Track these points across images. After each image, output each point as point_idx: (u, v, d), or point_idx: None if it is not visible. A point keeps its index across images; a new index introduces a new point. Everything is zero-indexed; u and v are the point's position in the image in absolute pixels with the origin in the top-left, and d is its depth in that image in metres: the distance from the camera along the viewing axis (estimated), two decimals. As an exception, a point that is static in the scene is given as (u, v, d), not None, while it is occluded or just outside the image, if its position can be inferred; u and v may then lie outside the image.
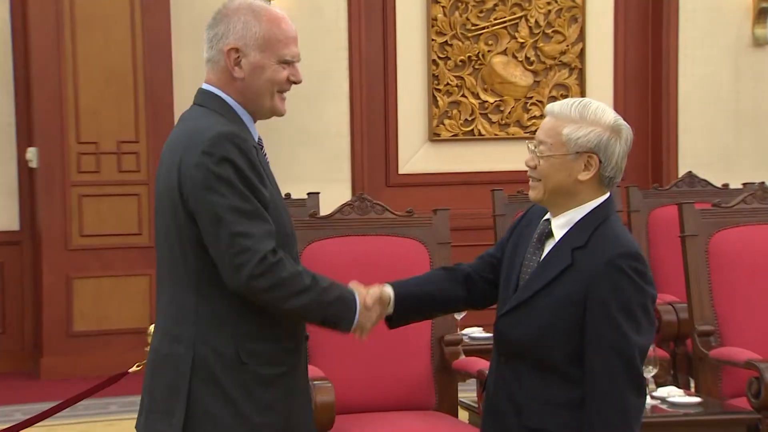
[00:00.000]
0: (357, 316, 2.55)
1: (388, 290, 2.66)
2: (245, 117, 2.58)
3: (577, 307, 2.44)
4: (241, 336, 2.48)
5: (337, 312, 2.54)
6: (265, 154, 2.63)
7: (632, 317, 2.41)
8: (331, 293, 2.53)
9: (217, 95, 2.57)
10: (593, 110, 2.49)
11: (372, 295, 2.59)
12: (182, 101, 6.81)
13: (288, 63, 2.56)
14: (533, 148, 2.55)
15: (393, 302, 2.66)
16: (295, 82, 2.59)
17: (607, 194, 2.54)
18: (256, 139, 2.61)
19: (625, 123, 2.52)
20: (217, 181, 2.42)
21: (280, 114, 2.61)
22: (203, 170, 2.43)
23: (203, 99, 2.59)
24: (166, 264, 2.56)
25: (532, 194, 2.56)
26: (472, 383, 3.96)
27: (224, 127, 2.48)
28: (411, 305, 2.70)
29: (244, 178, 2.44)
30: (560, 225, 2.53)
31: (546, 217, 2.58)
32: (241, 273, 2.42)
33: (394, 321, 2.71)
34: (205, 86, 2.60)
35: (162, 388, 2.52)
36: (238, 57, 2.54)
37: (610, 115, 2.50)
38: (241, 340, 2.48)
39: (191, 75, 6.91)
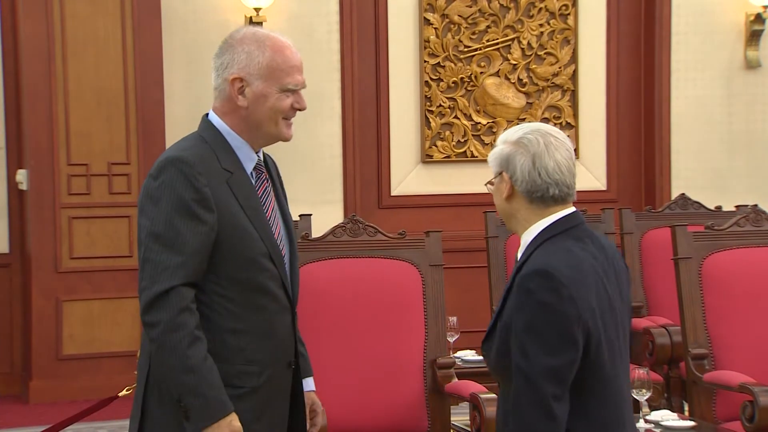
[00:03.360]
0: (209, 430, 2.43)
1: None
2: (237, 144, 2.61)
3: (509, 330, 2.44)
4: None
5: (198, 405, 2.42)
6: (266, 179, 2.68)
7: (538, 337, 2.37)
8: (214, 384, 2.43)
9: (209, 122, 2.63)
10: (513, 131, 2.54)
11: None
12: (173, 123, 6.80)
13: (291, 91, 2.63)
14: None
15: None
16: (299, 109, 2.66)
17: (560, 213, 2.49)
18: (253, 165, 2.65)
19: (538, 138, 2.48)
20: (149, 203, 2.48)
21: (286, 139, 2.67)
22: (144, 192, 2.51)
23: (200, 125, 2.66)
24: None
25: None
26: (464, 406, 3.93)
27: (176, 152, 2.52)
28: None
29: (176, 203, 2.45)
30: (520, 249, 2.54)
31: None
32: (141, 299, 2.45)
33: None
34: (208, 113, 2.66)
35: (135, 398, 2.60)
36: (242, 86, 2.58)
37: (518, 132, 2.52)
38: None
39: (183, 97, 6.91)
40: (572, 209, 2.51)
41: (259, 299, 2.54)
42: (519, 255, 2.53)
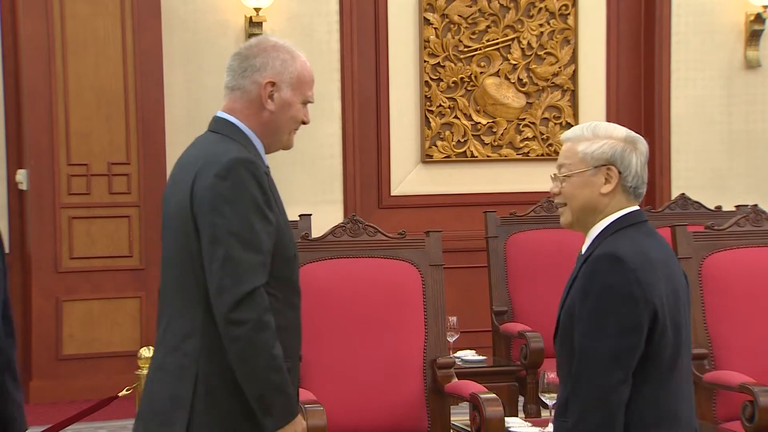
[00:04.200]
0: (287, 429, 2.51)
1: None
2: (259, 146, 2.68)
3: (572, 316, 2.47)
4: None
5: (282, 402, 2.51)
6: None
7: (603, 319, 2.41)
8: (290, 382, 2.53)
9: (233, 123, 2.67)
10: (604, 127, 2.59)
11: None
12: (174, 123, 6.80)
13: (306, 104, 2.74)
14: (555, 174, 2.62)
15: None
16: (305, 122, 2.76)
17: (633, 207, 2.57)
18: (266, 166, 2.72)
19: (639, 136, 2.60)
20: (222, 203, 2.50)
21: (289, 148, 2.76)
22: (213, 192, 2.51)
23: (219, 126, 2.69)
24: (174, 280, 2.63)
25: (562, 219, 2.62)
26: (464, 406, 3.94)
27: (239, 153, 2.57)
28: None
29: (252, 204, 2.52)
30: (586, 242, 2.58)
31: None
32: (224, 298, 2.47)
33: None
34: (223, 114, 2.69)
35: (164, 398, 2.56)
36: (272, 91, 2.66)
37: (621, 130, 2.59)
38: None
39: (182, 97, 6.91)
40: (637, 206, 2.59)
41: (292, 297, 2.63)
42: (584, 248, 2.56)
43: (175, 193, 2.63)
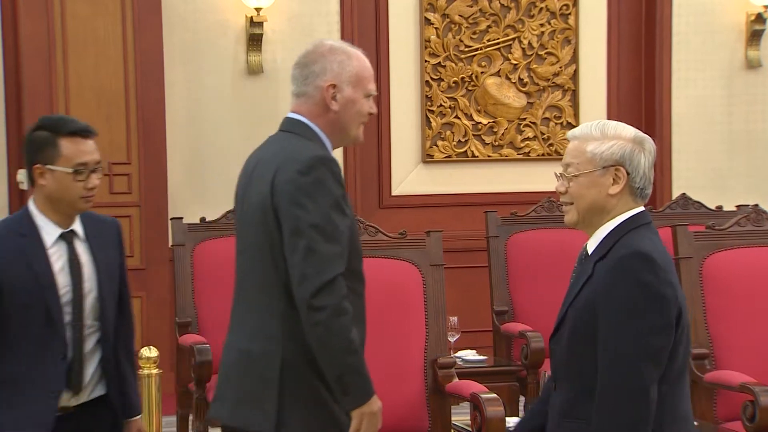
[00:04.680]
0: (364, 408, 2.74)
1: None
2: (328, 144, 2.86)
3: (593, 315, 2.45)
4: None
5: (359, 383, 2.72)
6: None
7: (637, 318, 2.38)
8: (366, 365, 2.74)
9: (305, 124, 2.85)
10: (613, 126, 2.57)
11: None
12: (174, 122, 6.80)
13: (370, 96, 2.89)
14: (561, 172, 2.59)
15: None
16: (372, 114, 2.91)
17: (640, 207, 2.56)
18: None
19: (647, 136, 2.59)
20: (304, 197, 2.68)
21: (359, 141, 2.96)
22: (294, 186, 2.69)
23: (293, 126, 2.88)
24: (254, 269, 2.79)
25: (567, 218, 2.60)
26: (465, 406, 3.94)
27: (319, 151, 2.78)
28: None
29: (331, 199, 2.70)
30: (593, 243, 2.57)
31: (588, 241, 2.61)
32: (305, 285, 2.65)
33: None
34: (294, 115, 2.89)
35: (252, 381, 2.75)
36: (335, 92, 2.83)
37: (630, 130, 2.59)
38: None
39: (183, 96, 6.91)
40: (643, 207, 2.58)
41: (358, 286, 2.81)
42: (592, 246, 2.55)
43: (253, 187, 2.81)
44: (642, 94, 7.73)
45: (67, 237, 3.08)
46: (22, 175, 6.62)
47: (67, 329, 3.04)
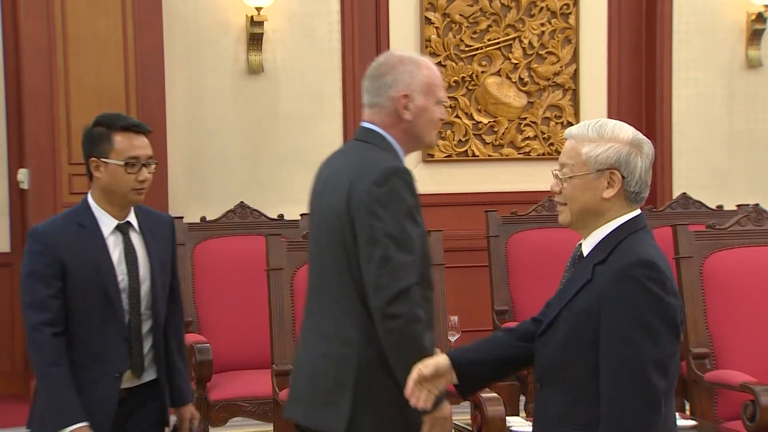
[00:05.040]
0: (435, 413, 2.80)
1: (444, 361, 2.67)
2: (401, 152, 2.95)
3: (593, 319, 2.41)
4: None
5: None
6: None
7: (645, 327, 2.35)
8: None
9: (380, 133, 2.94)
10: (611, 128, 2.51)
11: (428, 366, 2.63)
12: (175, 122, 6.80)
13: (441, 103, 2.98)
14: (556, 172, 2.55)
15: (453, 370, 2.66)
16: (442, 120, 3.01)
17: (637, 211, 2.52)
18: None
19: (646, 138, 2.53)
20: (380, 207, 2.77)
21: (433, 146, 3.13)
22: (370, 196, 2.78)
23: (367, 136, 2.96)
24: (329, 276, 2.88)
25: (561, 218, 2.58)
26: (465, 406, 3.92)
27: (393, 162, 2.87)
28: (474, 371, 2.70)
29: (405, 209, 2.79)
30: (588, 245, 2.54)
31: (580, 242, 2.59)
32: (381, 293, 2.73)
33: (461, 389, 2.72)
34: (369, 125, 2.96)
35: (329, 383, 2.83)
36: (407, 102, 2.91)
37: (628, 131, 2.51)
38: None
39: (184, 96, 6.91)
40: (639, 210, 2.54)
41: (430, 293, 2.90)
42: (587, 248, 2.52)
43: (329, 196, 2.89)
44: (642, 93, 7.73)
45: (123, 228, 3.27)
46: (22, 174, 6.62)
47: (125, 315, 3.23)
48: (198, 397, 4.62)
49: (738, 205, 5.69)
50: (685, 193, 5.82)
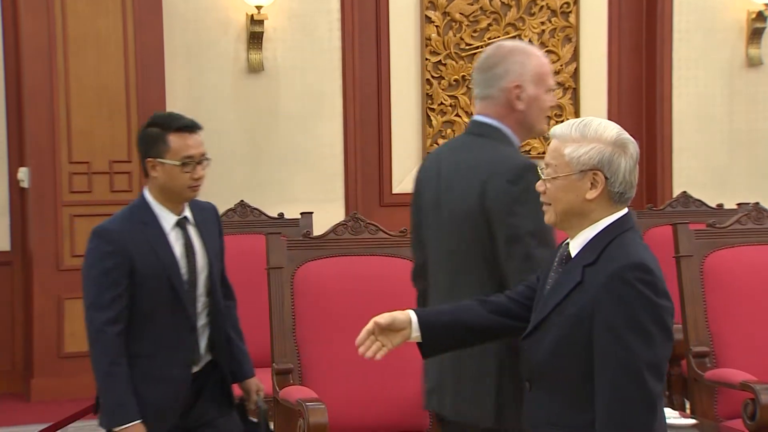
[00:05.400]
0: None
1: (403, 315, 2.65)
2: (516, 142, 2.99)
3: (586, 323, 2.40)
4: None
5: None
6: None
7: (640, 330, 2.35)
8: None
9: (495, 126, 2.97)
10: (594, 128, 2.47)
11: (384, 317, 2.63)
12: (175, 121, 6.79)
13: (551, 90, 3.02)
14: (541, 171, 2.54)
15: (417, 328, 2.66)
16: (552, 107, 3.07)
17: (623, 210, 2.50)
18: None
19: (630, 137, 2.50)
20: (517, 205, 2.80)
21: (543, 134, 3.09)
22: (506, 196, 2.81)
23: (483, 130, 2.99)
24: (458, 274, 2.91)
25: (546, 218, 2.56)
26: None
27: (522, 158, 2.91)
28: (440, 332, 2.69)
29: (540, 205, 2.71)
30: (576, 245, 2.51)
31: (567, 240, 2.57)
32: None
33: (424, 348, 2.71)
34: (482, 118, 2.99)
35: (473, 377, 2.89)
36: (519, 92, 2.95)
37: (612, 131, 2.47)
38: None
39: (184, 95, 6.91)
40: (626, 209, 2.52)
41: None
42: (575, 249, 2.51)
43: (457, 195, 2.91)
44: (643, 92, 7.73)
45: (182, 223, 3.43)
46: (23, 173, 6.62)
47: (190, 306, 3.40)
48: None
49: (738, 204, 5.69)
50: (685, 192, 5.82)
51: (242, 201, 5.50)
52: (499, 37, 7.48)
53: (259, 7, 6.89)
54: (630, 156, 2.47)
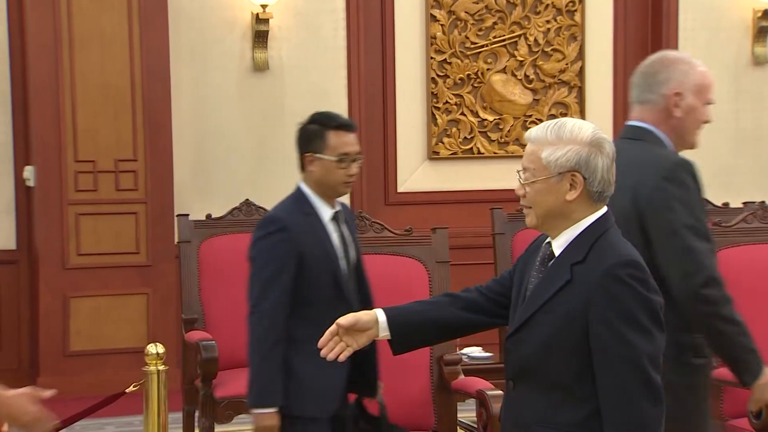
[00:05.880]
0: (760, 380, 3.04)
1: (368, 316, 2.66)
2: (671, 148, 3.08)
3: (578, 322, 2.41)
4: (672, 329, 2.75)
5: (755, 359, 3.05)
6: None
7: (637, 325, 2.38)
8: (749, 343, 3.03)
9: (650, 130, 3.08)
10: (569, 129, 2.48)
11: (348, 318, 2.62)
12: (180, 119, 6.80)
13: (708, 105, 3.14)
14: (519, 175, 2.55)
15: (386, 327, 2.66)
16: (706, 122, 3.16)
17: (603, 209, 2.52)
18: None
19: (605, 136, 2.51)
20: (675, 202, 2.93)
21: (694, 147, 3.16)
22: (663, 193, 2.94)
23: (638, 133, 3.10)
24: None
25: (527, 221, 2.57)
26: (471, 403, 3.94)
27: (677, 156, 3.02)
28: (411, 330, 2.70)
29: (696, 201, 2.96)
30: (559, 245, 2.52)
31: (547, 240, 2.57)
32: (689, 282, 2.90)
33: (395, 346, 2.71)
34: (638, 123, 3.11)
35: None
36: (678, 100, 3.06)
37: (587, 131, 2.48)
38: (673, 333, 2.74)
39: (189, 93, 6.91)
40: (605, 208, 2.54)
41: None
42: (558, 248, 2.51)
43: (613, 199, 2.94)
44: (648, 90, 7.71)
45: (337, 217, 3.56)
46: (28, 171, 6.63)
47: (350, 297, 3.50)
48: (203, 394, 4.62)
49: (744, 203, 5.69)
50: (691, 191, 5.80)
51: (247, 200, 5.50)
52: (504, 35, 7.47)
53: (264, 6, 6.89)
54: (606, 155, 2.48)
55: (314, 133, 3.53)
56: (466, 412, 4.35)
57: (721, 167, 7.73)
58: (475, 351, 4.88)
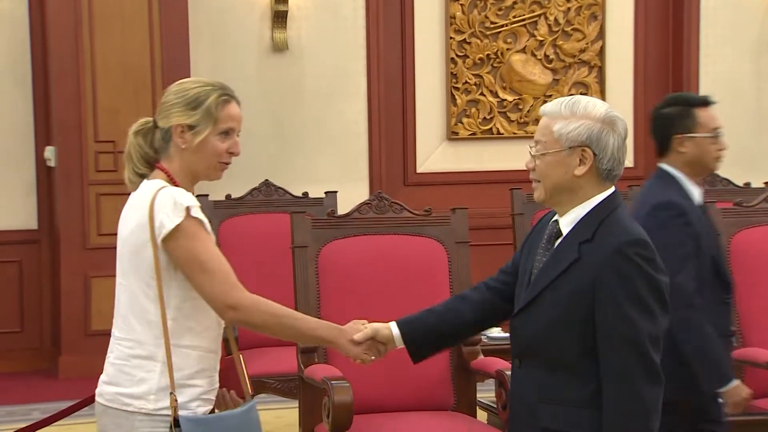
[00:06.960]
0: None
1: (386, 330, 2.76)
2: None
3: (585, 300, 2.43)
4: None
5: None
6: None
7: (642, 305, 2.40)
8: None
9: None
10: (583, 105, 2.50)
11: (363, 333, 2.75)
12: (200, 100, 6.80)
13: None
14: (531, 149, 2.56)
15: (400, 339, 2.77)
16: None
17: (611, 188, 2.53)
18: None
19: (619, 115, 2.52)
20: None
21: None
22: None
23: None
24: None
25: (535, 195, 2.58)
26: (490, 383, 3.93)
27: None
28: (424, 341, 2.80)
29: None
30: (567, 223, 2.54)
31: (555, 218, 2.58)
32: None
33: (412, 356, 2.81)
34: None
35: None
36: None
37: (600, 109, 2.51)
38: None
39: (208, 73, 6.91)
40: (613, 188, 2.55)
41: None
42: (566, 227, 2.52)
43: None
44: (669, 70, 7.67)
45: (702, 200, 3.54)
46: (49, 152, 6.66)
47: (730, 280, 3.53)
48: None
49: (766, 183, 5.66)
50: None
51: (267, 180, 5.51)
52: (524, 15, 7.43)
53: (283, -14, 6.88)
54: (618, 133, 2.49)
55: (680, 113, 3.49)
56: (486, 392, 4.35)
57: (743, 147, 7.67)
58: (495, 331, 4.88)
